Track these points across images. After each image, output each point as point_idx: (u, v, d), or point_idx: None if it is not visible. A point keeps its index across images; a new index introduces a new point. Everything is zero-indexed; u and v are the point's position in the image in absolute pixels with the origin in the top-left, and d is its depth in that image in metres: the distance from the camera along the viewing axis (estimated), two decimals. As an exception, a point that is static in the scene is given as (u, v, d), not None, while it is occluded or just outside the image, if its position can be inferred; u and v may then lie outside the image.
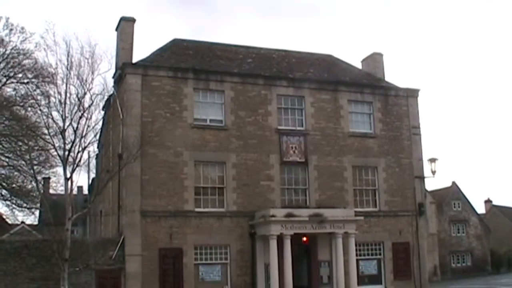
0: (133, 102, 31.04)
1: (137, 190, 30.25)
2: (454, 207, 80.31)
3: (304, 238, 32.37)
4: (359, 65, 41.25)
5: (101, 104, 29.31)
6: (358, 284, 32.17)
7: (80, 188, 56.28)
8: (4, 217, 45.35)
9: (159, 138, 31.07)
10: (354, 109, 36.19)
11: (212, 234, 31.26)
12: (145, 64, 32.45)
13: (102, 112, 33.01)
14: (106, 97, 30.13)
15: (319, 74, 37.16)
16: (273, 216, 30.07)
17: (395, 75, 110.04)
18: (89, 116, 26.66)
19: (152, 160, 30.77)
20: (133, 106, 30.99)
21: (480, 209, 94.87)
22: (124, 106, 31.37)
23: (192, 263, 30.70)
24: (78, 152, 26.38)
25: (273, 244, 30.03)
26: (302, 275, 32.80)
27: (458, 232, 79.98)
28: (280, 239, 30.12)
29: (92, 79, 26.61)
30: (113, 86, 32.51)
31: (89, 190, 44.64)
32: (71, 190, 26.99)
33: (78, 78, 26.37)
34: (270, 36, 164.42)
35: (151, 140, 30.77)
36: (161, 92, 31.65)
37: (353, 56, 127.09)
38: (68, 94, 26.22)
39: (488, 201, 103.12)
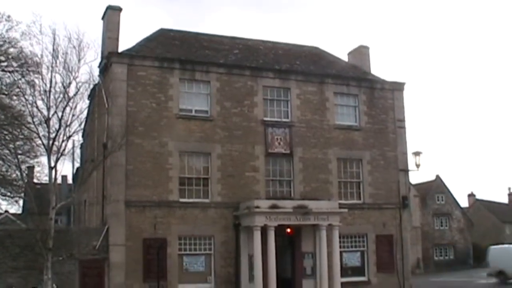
0: (118, 91, 30.94)
1: (121, 180, 30.19)
2: (438, 200, 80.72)
3: (288, 230, 32.43)
4: (345, 58, 41.30)
5: (87, 94, 29.14)
6: (341, 275, 32.29)
7: (64, 178, 55.90)
8: (-12, 206, 45.09)
9: (144, 128, 31.01)
10: (340, 101, 36.24)
11: (197, 224, 31.26)
12: (131, 53, 32.33)
13: (87, 102, 32.83)
14: (91, 86, 29.99)
15: (305, 66, 37.17)
16: (257, 207, 30.10)
17: (381, 68, 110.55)
18: (74, 105, 26.45)
19: (137, 150, 30.71)
20: (119, 95, 30.89)
21: (464, 203, 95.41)
22: (110, 95, 31.26)
23: (176, 254, 30.70)
24: (63, 141, 26.19)
25: (257, 235, 30.06)
26: (286, 267, 32.88)
27: (441, 226, 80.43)
28: (264, 230, 30.16)
29: (78, 68, 26.40)
30: (99, 76, 32.41)
31: (73, 179, 44.54)
32: (55, 179, 26.84)
33: (63, 67, 26.16)
34: (255, 29, 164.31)
35: (136, 130, 30.74)
36: (147, 82, 31.55)
37: (340, 49, 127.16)
38: (53, 83, 26.02)
39: (471, 195, 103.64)
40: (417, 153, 36.43)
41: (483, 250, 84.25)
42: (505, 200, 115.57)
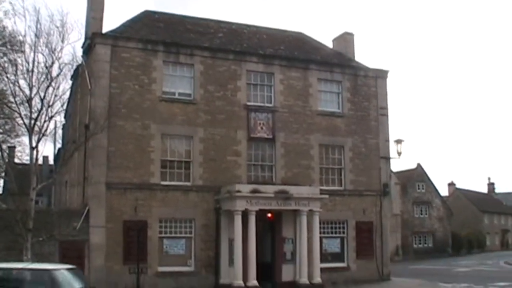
0: (101, 72, 30.76)
1: (103, 162, 30.10)
2: (418, 188, 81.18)
3: (269, 215, 32.47)
4: (330, 44, 41.28)
5: (69, 74, 29.02)
6: (321, 261, 32.44)
7: (45, 158, 55.86)
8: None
9: (127, 110, 30.90)
10: (323, 87, 36.26)
11: (178, 207, 31.25)
12: (115, 35, 32.14)
13: (70, 82, 32.65)
14: (74, 67, 29.82)
15: (289, 52, 37.15)
16: (238, 191, 30.13)
17: (365, 55, 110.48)
18: (56, 85, 26.30)
19: (119, 132, 30.60)
20: (102, 77, 30.72)
21: (444, 191, 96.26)
22: (93, 76, 31.07)
23: (156, 236, 30.69)
24: (45, 121, 26.07)
25: (238, 219, 30.11)
26: (266, 251, 32.95)
27: (421, 214, 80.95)
28: (245, 214, 30.20)
29: (61, 48, 26.22)
30: (82, 56, 32.19)
31: (55, 160, 44.41)
32: (37, 159, 26.74)
33: (47, 47, 26.00)
34: (240, 13, 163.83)
35: (119, 111, 30.63)
36: (131, 64, 31.40)
37: (324, 35, 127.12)
38: (36, 63, 25.85)
39: (451, 184, 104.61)
40: (398, 141, 36.60)
41: (461, 238, 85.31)
42: (484, 189, 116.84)
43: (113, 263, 29.47)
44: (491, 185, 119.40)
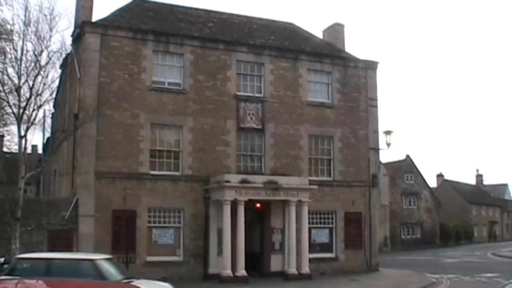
0: (91, 61, 30.67)
1: (92, 151, 30.04)
2: (407, 180, 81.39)
3: (258, 205, 32.55)
4: (320, 35, 41.25)
5: (59, 63, 28.84)
6: (310, 251, 32.55)
7: (34, 147, 55.61)
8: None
9: (116, 99, 30.83)
10: (313, 78, 36.29)
11: (167, 197, 31.25)
12: (104, 23, 32.02)
13: (59, 71, 32.50)
14: (63, 56, 29.68)
15: (279, 42, 37.12)
16: (227, 181, 30.15)
17: (355, 46, 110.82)
18: (45, 74, 26.21)
19: (108, 121, 30.53)
20: (91, 65, 30.63)
21: (432, 183, 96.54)
22: (82, 65, 30.97)
23: (145, 226, 30.70)
24: (33, 110, 25.97)
25: (227, 209, 30.14)
26: (255, 241, 33.03)
27: (410, 205, 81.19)
28: (234, 204, 30.23)
29: (50, 36, 26.11)
30: (71, 45, 32.09)
31: (43, 149, 44.18)
32: (25, 148, 26.63)
33: (35, 35, 25.88)
34: (230, 3, 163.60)
35: (108, 101, 30.57)
36: (120, 53, 31.31)
37: (315, 26, 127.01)
38: (24, 51, 25.73)
39: (440, 176, 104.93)
40: (388, 132, 36.62)
41: (449, 230, 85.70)
42: (472, 181, 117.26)
43: (101, 252, 29.35)
44: (479, 177, 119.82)
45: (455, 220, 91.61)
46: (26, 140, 26.10)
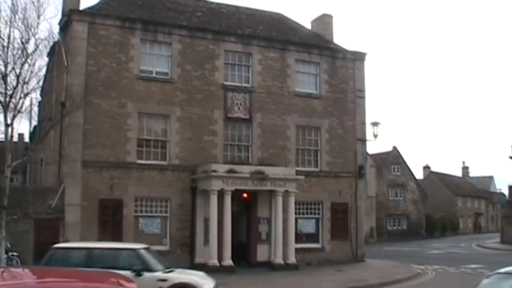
0: (78, 50, 30.56)
1: (79, 140, 29.95)
2: (394, 171, 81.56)
3: (245, 195, 32.58)
4: (308, 26, 41.22)
5: (46, 51, 28.62)
6: (296, 242, 32.64)
7: (21, 136, 55.35)
8: None
9: (103, 88, 30.73)
10: (301, 69, 36.31)
11: (153, 186, 31.22)
12: (92, 12, 31.89)
13: (47, 59, 32.30)
14: (51, 44, 29.50)
15: (268, 32, 37.07)
16: (214, 171, 30.16)
17: (344, 38, 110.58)
18: (32, 62, 25.95)
19: (95, 110, 30.43)
20: (79, 54, 30.52)
21: (419, 174, 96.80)
22: (69, 53, 30.84)
23: (132, 215, 30.67)
24: (20, 98, 25.72)
25: (214, 199, 30.15)
26: (241, 231, 33.07)
27: (396, 196, 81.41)
28: (221, 194, 30.24)
29: (38, 24, 25.90)
30: (59, 33, 31.88)
31: (30, 138, 43.95)
32: (12, 137, 26.39)
33: (23, 23, 25.67)
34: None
35: (96, 89, 30.46)
36: (108, 42, 31.20)
37: (303, 17, 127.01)
38: (11, 39, 25.52)
39: (426, 167, 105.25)
40: (375, 124, 36.71)
41: (435, 221, 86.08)
42: (459, 173, 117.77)
43: (87, 241, 29.33)
44: (465, 169, 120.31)
45: (441, 212, 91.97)
46: (12, 129, 25.85)
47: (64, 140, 30.60)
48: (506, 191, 66.91)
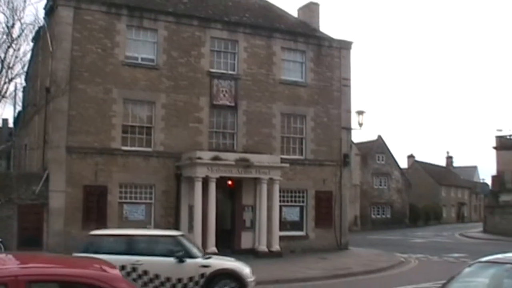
0: (64, 35, 30.36)
1: (63, 126, 29.82)
2: (378, 160, 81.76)
3: (230, 182, 32.60)
4: (295, 14, 41.17)
5: (31, 36, 28.60)
6: (280, 229, 32.75)
7: (5, 121, 55.16)
8: None
9: (88, 73, 30.58)
10: (287, 56, 36.31)
11: (138, 173, 31.18)
12: (78, -4, 31.67)
13: (31, 44, 32.19)
14: (36, 29, 29.37)
15: (254, 19, 36.99)
16: (199, 158, 30.15)
17: (330, 26, 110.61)
18: (17, 47, 25.99)
19: (80, 95, 30.30)
20: (64, 39, 30.32)
21: (403, 163, 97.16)
22: (55, 39, 30.66)
23: (116, 202, 30.63)
24: (5, 83, 25.75)
25: (198, 186, 30.15)
26: (226, 219, 33.10)
27: (380, 185, 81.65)
28: (205, 181, 30.24)
29: (23, 8, 25.87)
30: (44, 18, 31.73)
31: (14, 123, 43.85)
32: (-4, 122, 26.40)
33: (8, 7, 25.58)
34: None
35: (81, 75, 30.31)
36: (93, 27, 31.02)
37: (289, 4, 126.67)
38: (-4, 23, 25.45)
39: (411, 157, 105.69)
40: (360, 112, 36.79)
41: (419, 210, 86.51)
42: (443, 163, 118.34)
43: (72, 228, 29.30)
44: (449, 159, 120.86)
45: (424, 201, 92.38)
46: (-4, 114, 25.84)
47: (48, 125, 30.47)
48: (489, 181, 67.27)
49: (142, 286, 16.94)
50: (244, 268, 18.19)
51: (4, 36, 25.53)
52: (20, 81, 36.14)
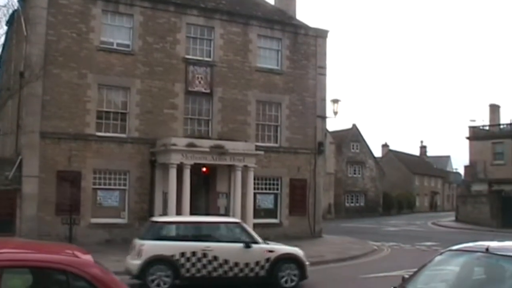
0: (38, 19, 30.06)
1: (37, 110, 29.59)
2: (353, 148, 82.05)
3: (204, 169, 32.59)
4: (271, 1, 41.09)
5: (5, 19, 28.30)
6: (254, 217, 32.76)
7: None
8: None
9: (63, 58, 30.34)
10: (263, 44, 36.28)
11: (112, 159, 31.06)
12: (52, -20, 31.37)
13: (5, 28, 31.90)
14: (10, 12, 29.08)
15: (231, 6, 36.85)
16: (174, 144, 30.08)
17: (306, 14, 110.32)
18: (-10, 30, 25.69)
19: (55, 80, 30.06)
20: (38, 23, 30.03)
21: (377, 152, 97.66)
22: (29, 23, 30.35)
23: (90, 188, 30.51)
24: (-23, 66, 25.48)
25: (173, 172, 30.10)
26: (200, 205, 33.06)
27: (355, 173, 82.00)
28: (180, 168, 30.20)
29: (-4, -9, 25.57)
30: (18, 1, 31.38)
31: (-13, 107, 43.36)
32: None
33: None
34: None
35: (55, 60, 30.08)
36: (68, 11, 30.74)
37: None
38: (-32, 6, 25.12)
39: (385, 146, 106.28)
40: (335, 101, 36.84)
41: (392, 199, 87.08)
42: (416, 152, 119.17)
43: (45, 213, 29.17)
44: (423, 148, 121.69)
45: (398, 190, 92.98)
46: (-31, 98, 25.60)
47: (22, 110, 30.23)
48: (462, 171, 67.94)
49: (212, 271, 17.88)
50: (301, 252, 19.45)
51: (-23, 19, 25.22)
52: (-6, 65, 35.88)
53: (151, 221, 20.07)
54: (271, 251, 18.63)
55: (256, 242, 18.60)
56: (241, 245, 18.25)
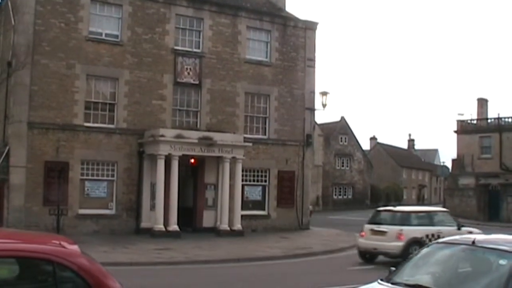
0: (26, 8, 29.88)
1: (25, 100, 29.45)
2: (341, 141, 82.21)
3: (192, 160, 32.60)
4: (261, -8, 41.04)
5: (-8, 8, 28.10)
6: (242, 208, 32.87)
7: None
8: None
9: (51, 48, 30.18)
10: (252, 36, 36.23)
11: (100, 150, 30.97)
12: (41, -31, 31.18)
13: (-7, 17, 31.72)
14: (-3, 1, 28.90)
15: (220, -2, 36.80)
16: (162, 136, 30.04)
17: (296, 6, 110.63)
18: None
19: (43, 70, 29.92)
20: (26, 12, 29.85)
21: (365, 145, 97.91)
22: (17, 12, 30.16)
23: (78, 178, 30.42)
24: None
25: (161, 163, 30.07)
26: (188, 197, 33.12)
27: (343, 166, 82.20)
28: (168, 159, 30.17)
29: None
30: (6, -10, 31.23)
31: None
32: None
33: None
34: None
35: (43, 49, 29.92)
36: (57, 1, 30.54)
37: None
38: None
39: (373, 138, 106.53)
40: (324, 93, 36.91)
41: (380, 191, 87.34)
42: (404, 145, 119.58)
43: (33, 204, 29.07)
44: (411, 142, 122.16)
45: (386, 182, 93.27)
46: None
47: (9, 100, 30.07)
48: (449, 165, 68.08)
49: None
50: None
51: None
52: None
53: (403, 211, 24.12)
54: (471, 233, 21.07)
55: (463, 226, 23.72)
56: (455, 227, 22.91)
